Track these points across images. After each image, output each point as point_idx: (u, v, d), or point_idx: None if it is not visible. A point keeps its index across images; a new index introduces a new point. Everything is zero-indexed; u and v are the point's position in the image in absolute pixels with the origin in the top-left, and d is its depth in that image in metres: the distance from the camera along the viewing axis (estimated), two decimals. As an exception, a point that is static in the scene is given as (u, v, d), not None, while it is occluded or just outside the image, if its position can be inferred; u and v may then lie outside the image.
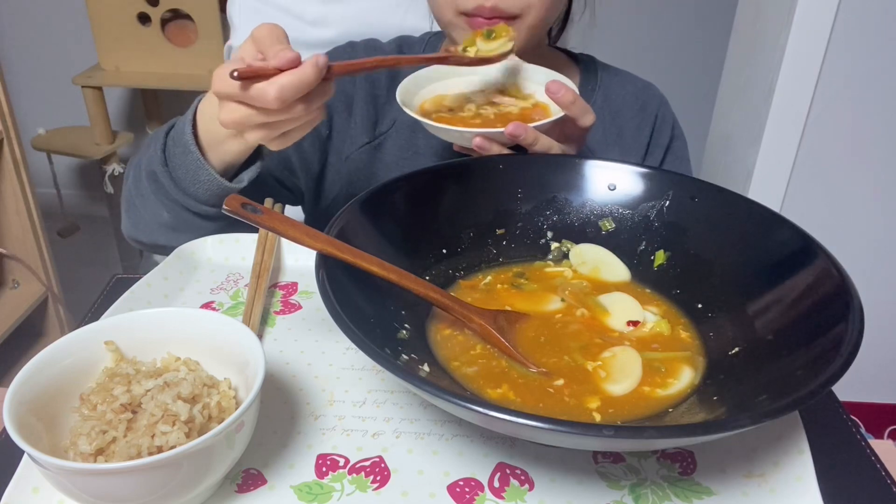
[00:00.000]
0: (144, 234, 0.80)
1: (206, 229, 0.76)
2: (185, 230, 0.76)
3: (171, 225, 0.76)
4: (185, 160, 0.70)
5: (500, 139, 0.69)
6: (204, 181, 0.71)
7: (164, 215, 0.75)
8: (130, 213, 0.79)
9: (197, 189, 0.72)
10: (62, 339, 0.52)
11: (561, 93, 0.69)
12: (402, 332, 0.57)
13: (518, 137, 0.67)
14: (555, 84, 0.69)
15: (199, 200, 0.72)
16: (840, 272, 0.55)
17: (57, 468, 0.43)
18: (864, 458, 0.58)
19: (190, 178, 0.71)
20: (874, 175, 1.59)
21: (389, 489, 0.51)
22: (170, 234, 0.77)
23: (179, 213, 0.74)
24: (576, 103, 0.70)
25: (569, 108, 0.70)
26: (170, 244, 0.76)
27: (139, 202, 0.77)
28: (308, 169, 0.90)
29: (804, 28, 1.44)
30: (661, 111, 0.93)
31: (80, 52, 2.19)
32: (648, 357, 0.58)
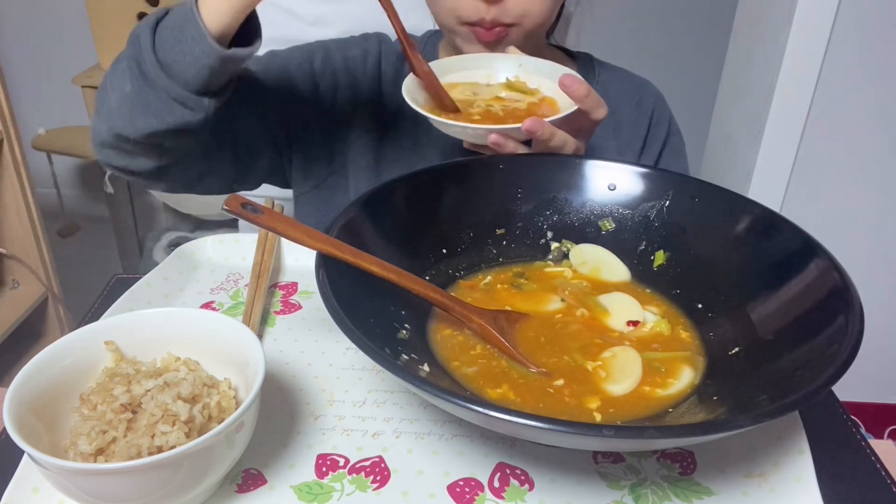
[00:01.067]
0: (104, 120, 0.70)
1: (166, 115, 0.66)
2: (143, 109, 0.66)
3: (130, 99, 0.67)
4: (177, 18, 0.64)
5: (517, 135, 0.68)
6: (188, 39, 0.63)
7: (126, 86, 0.67)
8: (98, 101, 0.70)
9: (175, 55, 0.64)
10: (62, 339, 0.52)
11: (575, 86, 0.68)
12: (402, 332, 0.57)
13: (535, 133, 0.66)
14: (569, 78, 0.69)
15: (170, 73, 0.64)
16: (840, 272, 0.55)
17: (57, 468, 0.43)
18: (864, 458, 0.58)
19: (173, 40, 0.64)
20: (874, 175, 1.59)
21: (389, 489, 0.51)
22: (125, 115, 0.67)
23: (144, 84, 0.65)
24: (589, 96, 0.69)
25: (583, 102, 0.69)
26: (123, 130, 0.68)
27: (109, 78, 0.69)
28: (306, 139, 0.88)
29: (804, 28, 1.44)
30: (657, 107, 0.93)
31: (80, 52, 2.19)
32: (648, 357, 0.58)
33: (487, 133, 0.67)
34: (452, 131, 0.70)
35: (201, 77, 0.64)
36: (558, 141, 0.69)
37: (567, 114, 0.69)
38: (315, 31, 1.17)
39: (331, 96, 0.88)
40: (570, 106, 0.70)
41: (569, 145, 0.70)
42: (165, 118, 0.66)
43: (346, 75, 0.89)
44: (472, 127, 0.68)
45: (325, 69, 0.87)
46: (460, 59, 0.79)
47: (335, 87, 0.88)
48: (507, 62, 0.79)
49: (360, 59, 0.89)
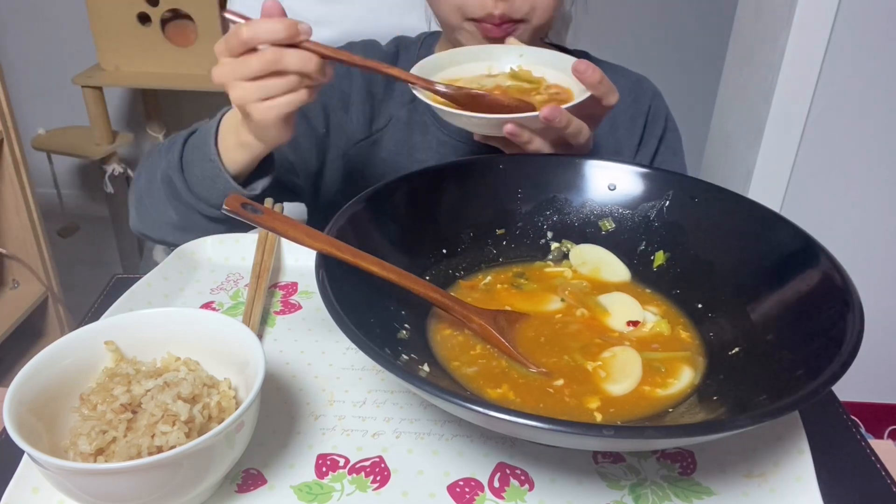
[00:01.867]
0: (152, 231, 0.83)
1: (214, 230, 0.79)
2: (193, 230, 0.79)
3: (179, 225, 0.79)
4: (203, 167, 0.73)
5: (534, 124, 0.67)
6: (220, 187, 0.73)
7: (172, 216, 0.79)
8: (140, 211, 0.82)
9: (211, 195, 0.74)
10: (62, 339, 0.52)
11: (588, 72, 0.67)
12: (402, 332, 0.57)
13: (553, 121, 0.65)
14: (582, 64, 0.68)
15: (211, 205, 0.75)
16: (840, 272, 0.55)
17: (57, 468, 0.43)
18: (864, 458, 0.58)
19: (206, 185, 0.74)
20: (874, 175, 1.59)
21: (389, 489, 0.51)
22: (177, 233, 0.80)
23: (189, 215, 0.77)
24: (602, 82, 0.68)
25: (596, 88, 0.68)
26: (176, 242, 0.79)
27: (149, 202, 0.80)
28: (306, 167, 0.90)
29: (804, 28, 1.44)
30: (654, 103, 0.93)
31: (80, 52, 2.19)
32: (648, 357, 0.58)
33: (502, 123, 0.66)
34: (462, 122, 0.69)
35: None
36: (574, 128, 0.68)
37: (581, 100, 0.68)
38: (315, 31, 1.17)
39: (324, 121, 0.89)
40: (582, 93, 0.69)
41: (584, 133, 0.69)
42: (212, 230, 0.79)
43: (333, 94, 0.89)
44: (486, 117, 0.66)
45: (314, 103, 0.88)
46: (459, 52, 0.77)
47: (326, 111, 0.89)
48: (508, 53, 0.77)
49: (343, 72, 0.89)
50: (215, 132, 0.73)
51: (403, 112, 0.90)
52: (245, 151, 0.72)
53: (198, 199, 0.75)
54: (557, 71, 0.73)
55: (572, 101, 0.68)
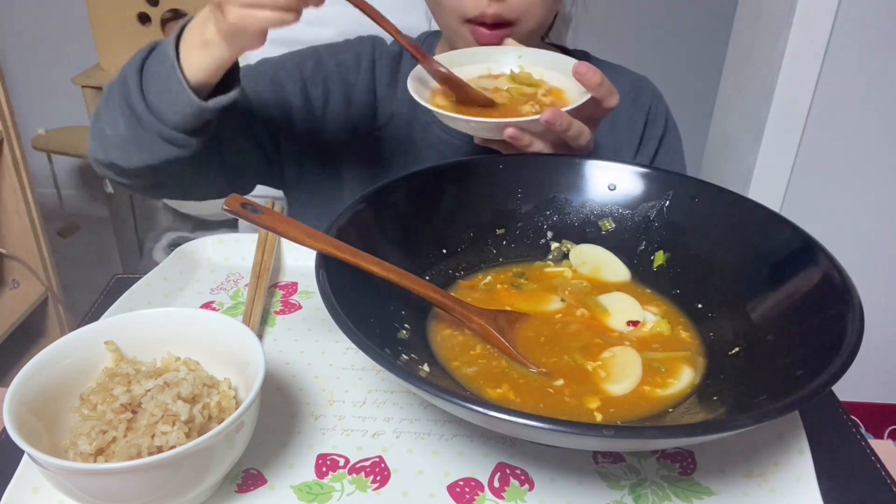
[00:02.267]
0: (100, 148, 0.74)
1: (160, 153, 0.71)
2: (138, 147, 0.71)
3: (125, 138, 0.71)
4: (161, 68, 0.67)
5: (534, 128, 0.67)
6: (173, 90, 0.67)
7: (120, 126, 0.70)
8: (93, 125, 0.75)
9: (162, 101, 0.68)
10: (62, 339, 0.52)
11: (589, 74, 0.67)
12: (402, 332, 0.57)
13: (554, 124, 0.65)
14: (583, 66, 0.68)
15: (160, 117, 0.68)
16: (840, 272, 0.55)
17: (57, 468, 0.43)
18: (864, 458, 0.58)
19: (158, 87, 0.67)
20: (874, 175, 1.59)
21: (389, 489, 0.51)
22: (121, 150, 0.72)
23: (137, 126, 0.69)
24: (603, 84, 0.68)
25: (596, 90, 0.68)
26: (119, 162, 0.72)
27: (104, 111, 0.73)
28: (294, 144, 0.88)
29: (804, 28, 1.44)
30: (653, 103, 0.93)
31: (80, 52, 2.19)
32: (648, 357, 0.58)
33: (502, 127, 0.66)
34: (461, 126, 0.69)
35: (187, 121, 0.69)
36: (575, 131, 0.68)
37: (581, 103, 0.68)
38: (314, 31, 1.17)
39: (322, 102, 0.88)
40: (582, 95, 0.69)
41: (584, 135, 0.69)
42: (158, 155, 0.71)
43: (338, 80, 0.88)
44: (487, 121, 0.66)
45: (316, 75, 0.87)
46: (459, 54, 0.78)
47: (327, 92, 0.88)
48: (507, 54, 0.77)
49: (352, 63, 0.89)
50: (178, 34, 0.67)
51: (405, 110, 0.90)
52: (207, 52, 0.66)
53: (148, 107, 0.68)
54: (556, 72, 0.73)
55: (572, 104, 0.68)
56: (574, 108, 0.67)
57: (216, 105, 0.68)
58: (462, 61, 0.77)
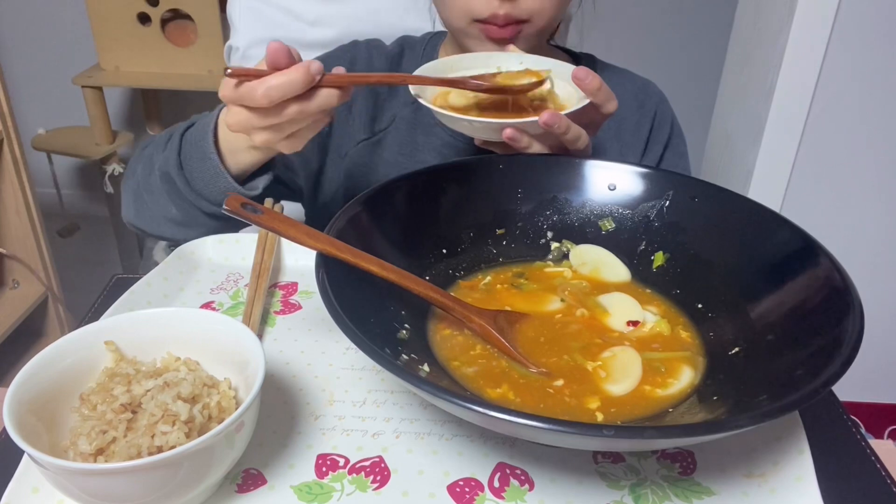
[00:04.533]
0: (149, 226, 0.81)
1: (214, 226, 0.78)
2: (193, 226, 0.78)
3: (178, 221, 0.78)
4: (203, 166, 0.72)
5: (533, 129, 0.67)
6: (220, 185, 0.72)
7: (172, 211, 0.77)
8: (137, 204, 0.81)
9: (211, 192, 0.73)
10: (62, 339, 0.52)
11: (588, 79, 0.68)
12: (402, 332, 0.57)
13: (552, 126, 0.66)
14: (581, 70, 0.68)
15: (211, 202, 0.74)
16: (840, 272, 0.55)
17: (57, 468, 0.43)
18: (864, 458, 0.58)
19: (205, 183, 0.73)
20: (874, 175, 1.59)
21: (389, 489, 0.51)
22: (175, 229, 0.79)
23: (189, 210, 0.76)
24: (602, 89, 0.69)
25: (595, 95, 0.69)
26: (175, 238, 0.79)
27: (148, 197, 0.79)
28: (307, 166, 0.90)
29: (804, 28, 1.44)
30: (659, 108, 0.93)
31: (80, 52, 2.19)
32: (648, 357, 0.58)
33: (499, 128, 0.66)
34: (462, 126, 0.69)
35: None
36: (573, 135, 0.68)
37: (580, 107, 0.68)
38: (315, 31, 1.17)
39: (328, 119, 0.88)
40: (582, 100, 0.69)
41: (582, 139, 0.69)
42: (213, 228, 0.78)
43: None
44: (486, 121, 0.67)
45: None
46: (460, 59, 0.78)
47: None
48: (508, 60, 0.78)
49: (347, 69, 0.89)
50: (214, 128, 0.72)
51: (407, 112, 0.90)
52: (255, 154, 0.71)
53: (198, 195, 0.74)
54: (557, 78, 0.73)
55: (571, 108, 0.68)
56: (573, 111, 0.68)
57: (264, 185, 0.75)
58: (463, 66, 0.77)
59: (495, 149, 0.73)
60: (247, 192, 0.73)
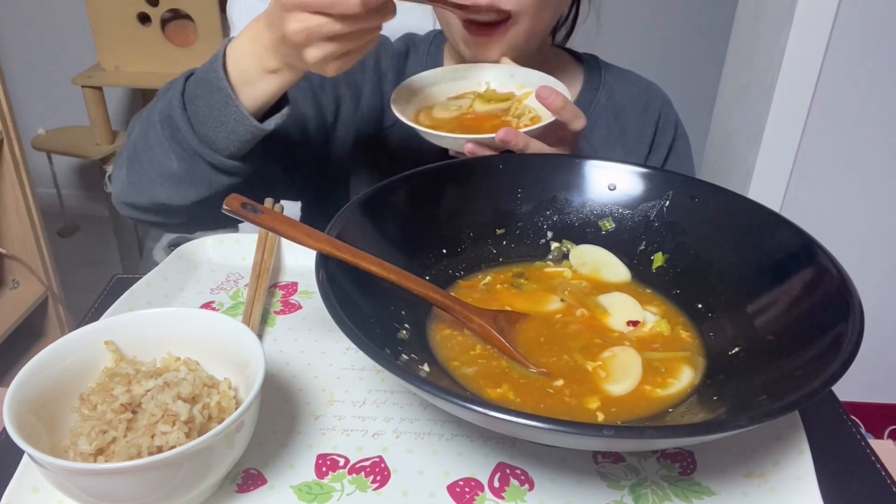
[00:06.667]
0: (143, 191, 0.75)
1: (218, 182, 0.73)
2: (193, 183, 0.72)
3: (178, 176, 0.72)
4: (210, 100, 0.68)
5: (492, 144, 0.69)
6: (230, 121, 0.68)
7: (172, 165, 0.71)
8: (130, 169, 0.75)
9: (218, 133, 0.69)
10: (62, 339, 0.52)
11: (551, 98, 0.69)
12: (402, 332, 0.57)
13: (508, 143, 0.68)
14: (545, 90, 0.70)
15: (216, 148, 0.70)
16: (840, 272, 0.55)
17: (57, 468, 0.43)
18: (864, 458, 0.58)
19: (213, 121, 0.68)
20: (874, 175, 1.59)
21: (389, 489, 0.51)
22: (173, 189, 0.73)
23: (192, 161, 0.71)
24: (566, 108, 0.70)
25: (559, 113, 0.70)
26: (171, 201, 0.74)
27: (145, 154, 0.73)
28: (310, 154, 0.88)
29: (804, 28, 1.44)
30: (663, 111, 0.93)
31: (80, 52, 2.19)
32: (648, 357, 0.58)
33: (465, 142, 0.70)
34: (435, 140, 0.72)
35: (245, 149, 0.71)
36: (533, 151, 0.70)
37: (543, 125, 0.71)
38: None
39: (334, 108, 0.88)
40: (548, 118, 0.71)
41: None
42: (214, 187, 0.72)
43: (346, 84, 0.89)
44: (450, 136, 0.71)
45: (325, 82, 0.87)
46: (454, 70, 0.80)
47: (337, 99, 0.88)
48: (500, 72, 0.80)
49: (357, 66, 0.89)
50: (222, 62, 0.68)
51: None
52: (275, 80, 0.67)
53: (202, 141, 0.69)
54: None
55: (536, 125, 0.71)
56: (534, 129, 0.70)
57: (276, 123, 0.70)
58: (455, 77, 0.80)
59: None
60: (261, 126, 0.68)
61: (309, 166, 0.90)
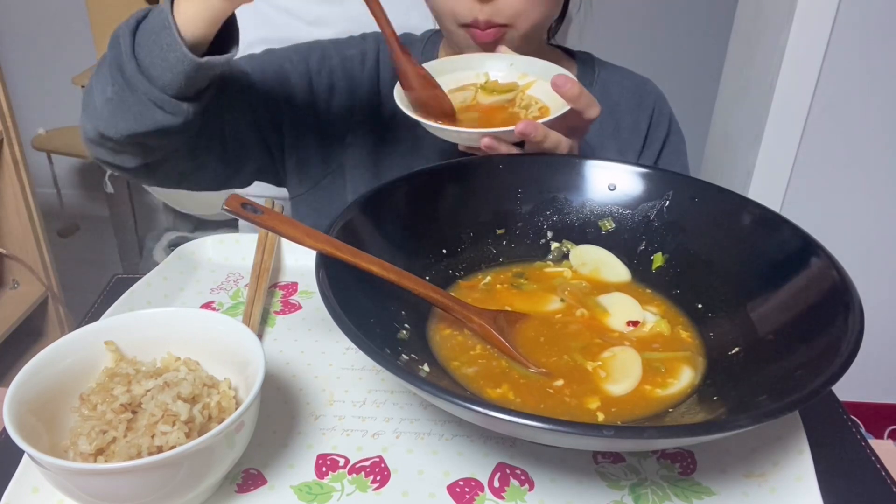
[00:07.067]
0: (89, 120, 0.71)
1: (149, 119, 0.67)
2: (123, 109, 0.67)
3: (111, 100, 0.68)
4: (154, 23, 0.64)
5: (510, 138, 0.68)
6: (164, 46, 0.63)
7: (108, 90, 0.67)
8: (84, 100, 0.72)
9: (154, 60, 0.64)
10: (62, 339, 0.52)
11: (567, 86, 0.68)
12: (402, 332, 0.57)
13: (528, 136, 0.66)
14: (561, 77, 0.68)
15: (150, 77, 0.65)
16: (840, 272, 0.55)
17: (57, 468, 0.43)
18: (864, 458, 0.58)
19: (150, 45, 0.64)
20: (874, 175, 1.59)
21: (389, 489, 0.51)
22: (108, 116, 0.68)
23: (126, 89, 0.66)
24: (582, 96, 0.69)
25: (575, 102, 0.69)
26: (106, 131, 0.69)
27: (94, 79, 0.70)
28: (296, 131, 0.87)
29: (804, 28, 1.44)
30: (657, 106, 0.93)
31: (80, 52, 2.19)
32: (648, 357, 0.58)
33: (480, 137, 0.67)
34: (446, 135, 0.70)
35: (177, 83, 0.65)
36: (551, 142, 0.69)
37: (559, 114, 0.69)
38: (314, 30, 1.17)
39: (326, 96, 0.88)
40: (563, 106, 0.69)
41: (562, 146, 0.70)
42: (145, 121, 0.67)
43: (342, 75, 0.88)
44: (465, 131, 0.68)
45: (322, 68, 0.87)
46: (451, 61, 0.79)
47: (331, 87, 0.88)
48: (499, 61, 0.78)
49: (357, 60, 0.89)
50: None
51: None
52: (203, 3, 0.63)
53: (139, 67, 0.65)
54: (547, 81, 0.73)
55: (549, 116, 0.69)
56: (550, 119, 0.69)
57: (209, 64, 0.65)
58: (454, 68, 0.78)
59: (479, 153, 0.74)
60: (196, 59, 0.63)
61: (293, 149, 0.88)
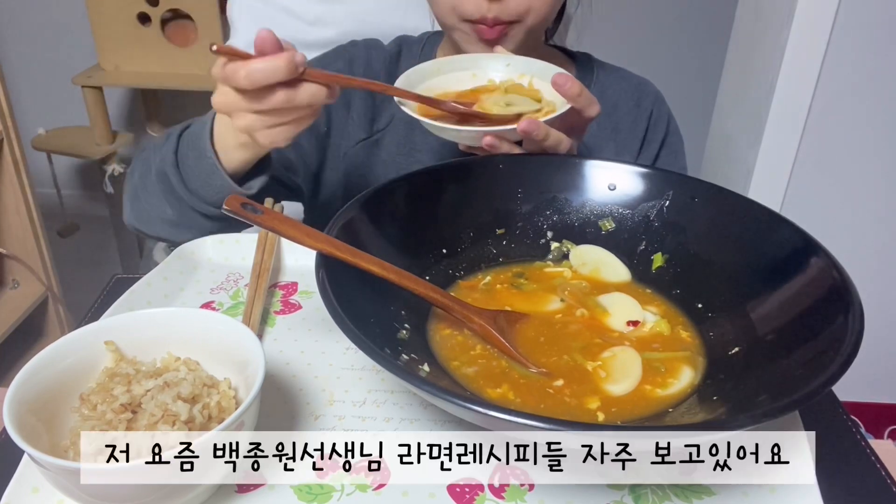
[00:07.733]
0: (146, 226, 0.81)
1: (209, 227, 0.78)
2: (188, 227, 0.77)
3: (173, 221, 0.78)
4: (200, 164, 0.72)
5: (511, 136, 0.68)
6: (216, 185, 0.72)
7: (167, 212, 0.77)
8: (134, 206, 0.81)
9: (207, 192, 0.73)
10: (62, 339, 0.52)
11: (567, 85, 0.68)
12: (402, 332, 0.57)
13: (530, 134, 0.66)
14: (561, 76, 0.69)
15: (206, 202, 0.74)
16: (840, 272, 0.55)
17: (57, 468, 0.43)
18: (864, 458, 0.58)
19: (201, 182, 0.73)
20: (874, 175, 1.59)
21: (389, 489, 0.51)
22: (171, 230, 0.79)
23: (185, 211, 0.76)
24: (582, 95, 0.69)
25: (576, 100, 0.69)
26: (171, 238, 0.79)
27: (144, 197, 0.79)
28: (306, 165, 0.90)
29: (804, 28, 1.44)
30: (656, 106, 0.93)
31: (80, 52, 2.19)
32: (648, 357, 0.58)
33: (482, 135, 0.67)
34: (447, 134, 0.70)
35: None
36: (553, 141, 0.69)
37: (560, 113, 0.69)
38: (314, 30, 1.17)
39: (325, 117, 0.88)
40: (563, 105, 0.70)
41: (563, 144, 0.70)
42: (208, 229, 0.78)
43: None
44: (466, 129, 0.68)
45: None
46: (449, 61, 0.79)
47: (328, 111, 0.88)
48: (495, 62, 0.78)
49: (345, 71, 0.89)
50: (210, 128, 0.72)
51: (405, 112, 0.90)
52: (245, 151, 0.71)
53: (193, 195, 0.74)
54: (545, 81, 0.73)
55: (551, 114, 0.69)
56: (551, 118, 0.68)
57: (259, 186, 0.74)
58: (450, 68, 0.78)
59: (479, 152, 0.73)
60: (243, 192, 0.73)
61: (306, 176, 0.91)
